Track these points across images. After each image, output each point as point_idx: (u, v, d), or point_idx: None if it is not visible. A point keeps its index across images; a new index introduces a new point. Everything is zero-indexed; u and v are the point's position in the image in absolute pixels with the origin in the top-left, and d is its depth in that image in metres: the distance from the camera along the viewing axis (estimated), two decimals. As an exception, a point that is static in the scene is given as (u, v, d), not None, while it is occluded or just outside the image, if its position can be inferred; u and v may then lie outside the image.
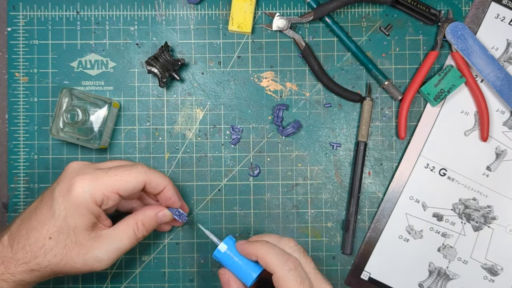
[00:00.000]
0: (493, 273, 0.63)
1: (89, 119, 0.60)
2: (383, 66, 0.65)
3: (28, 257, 0.50)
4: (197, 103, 0.65)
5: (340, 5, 0.63)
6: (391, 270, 0.64)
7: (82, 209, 0.50)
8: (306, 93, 0.65)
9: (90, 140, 0.60)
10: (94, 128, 0.60)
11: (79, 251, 0.51)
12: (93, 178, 0.51)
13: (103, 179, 0.51)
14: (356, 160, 0.64)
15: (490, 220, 0.64)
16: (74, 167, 0.53)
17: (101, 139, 0.61)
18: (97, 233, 0.52)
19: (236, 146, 0.64)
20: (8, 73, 0.64)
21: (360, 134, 0.64)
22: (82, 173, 0.51)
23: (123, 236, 0.54)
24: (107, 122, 0.61)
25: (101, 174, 0.51)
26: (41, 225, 0.50)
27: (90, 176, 0.51)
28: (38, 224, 0.50)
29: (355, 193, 0.63)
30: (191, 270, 0.64)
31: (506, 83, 0.62)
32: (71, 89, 0.60)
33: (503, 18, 0.64)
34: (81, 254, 0.51)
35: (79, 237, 0.51)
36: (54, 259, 0.50)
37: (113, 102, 0.62)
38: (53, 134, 0.60)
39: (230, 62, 0.65)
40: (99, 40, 0.65)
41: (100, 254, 0.52)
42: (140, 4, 0.65)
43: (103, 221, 0.53)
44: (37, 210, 0.51)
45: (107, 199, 0.51)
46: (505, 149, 0.64)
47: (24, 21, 0.64)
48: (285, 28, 0.64)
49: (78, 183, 0.50)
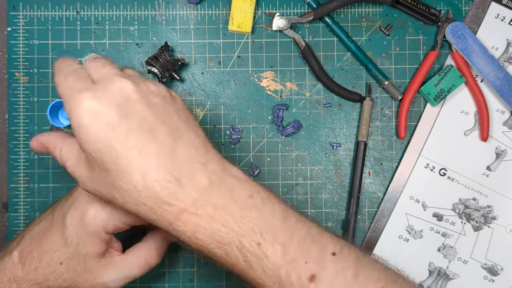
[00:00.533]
0: (493, 273, 0.63)
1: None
2: (383, 66, 0.65)
3: (39, 279, 0.49)
4: (197, 103, 0.65)
5: (340, 5, 0.63)
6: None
7: (94, 239, 0.49)
8: (306, 93, 0.65)
9: None
10: None
11: (87, 277, 0.50)
12: (106, 210, 0.49)
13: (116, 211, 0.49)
14: (356, 160, 0.64)
15: (490, 220, 0.64)
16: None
17: None
18: (107, 260, 0.51)
19: (236, 146, 0.64)
20: (8, 73, 0.64)
21: (360, 134, 0.64)
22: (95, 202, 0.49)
23: (134, 265, 0.53)
24: None
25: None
26: (52, 251, 0.50)
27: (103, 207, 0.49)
28: (50, 250, 0.50)
29: (355, 193, 0.63)
30: (191, 270, 0.64)
31: (506, 83, 0.62)
32: None
33: (503, 18, 0.64)
34: (90, 280, 0.51)
35: (89, 264, 0.50)
36: (64, 283, 0.50)
37: None
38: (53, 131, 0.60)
39: (230, 62, 0.65)
40: (99, 40, 0.65)
41: (109, 282, 0.51)
42: (140, 4, 0.65)
43: (113, 245, 0.52)
44: (48, 233, 0.50)
45: (119, 229, 0.50)
46: (505, 149, 0.64)
47: (24, 21, 0.64)
48: (285, 28, 0.64)
49: (91, 214, 0.49)
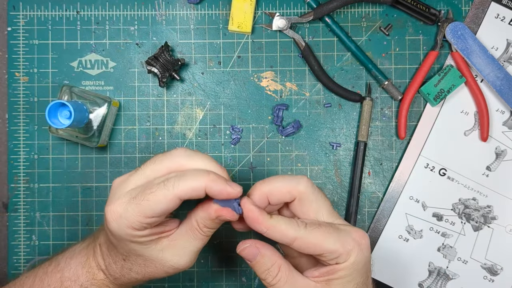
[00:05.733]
0: (493, 273, 0.63)
1: (88, 117, 0.60)
2: (383, 66, 0.65)
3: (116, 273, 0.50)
4: (197, 103, 0.65)
5: (340, 5, 0.63)
6: (391, 270, 0.64)
7: (126, 241, 0.46)
8: (306, 93, 0.65)
9: (89, 138, 0.60)
10: (93, 126, 0.60)
11: (155, 265, 0.49)
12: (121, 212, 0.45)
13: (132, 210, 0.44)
14: (356, 160, 0.64)
15: (490, 220, 0.64)
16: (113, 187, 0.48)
17: (100, 137, 0.61)
18: (162, 244, 0.48)
19: (236, 146, 0.64)
20: (8, 73, 0.64)
21: (360, 134, 0.64)
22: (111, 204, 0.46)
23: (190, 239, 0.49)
24: (106, 120, 0.61)
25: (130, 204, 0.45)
26: (114, 252, 0.49)
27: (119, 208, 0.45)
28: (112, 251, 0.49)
29: (355, 192, 0.63)
30: (191, 270, 0.64)
31: (506, 83, 0.62)
32: (71, 87, 0.60)
33: (503, 18, 0.64)
34: (158, 267, 0.49)
35: (145, 255, 0.48)
36: (136, 275, 0.49)
37: (113, 101, 0.62)
38: (52, 132, 0.60)
39: (230, 62, 0.65)
40: (99, 40, 0.65)
41: (175, 263, 0.49)
42: (140, 4, 0.65)
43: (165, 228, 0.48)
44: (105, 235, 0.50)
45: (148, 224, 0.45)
46: (505, 149, 0.64)
47: (24, 21, 0.64)
48: (285, 28, 0.64)
49: (110, 217, 0.45)
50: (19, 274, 0.59)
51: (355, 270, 0.45)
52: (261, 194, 0.47)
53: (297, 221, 0.45)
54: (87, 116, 0.59)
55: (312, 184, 0.47)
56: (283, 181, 0.47)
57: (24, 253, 0.63)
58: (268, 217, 0.45)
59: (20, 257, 0.63)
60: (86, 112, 0.59)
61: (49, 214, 0.64)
